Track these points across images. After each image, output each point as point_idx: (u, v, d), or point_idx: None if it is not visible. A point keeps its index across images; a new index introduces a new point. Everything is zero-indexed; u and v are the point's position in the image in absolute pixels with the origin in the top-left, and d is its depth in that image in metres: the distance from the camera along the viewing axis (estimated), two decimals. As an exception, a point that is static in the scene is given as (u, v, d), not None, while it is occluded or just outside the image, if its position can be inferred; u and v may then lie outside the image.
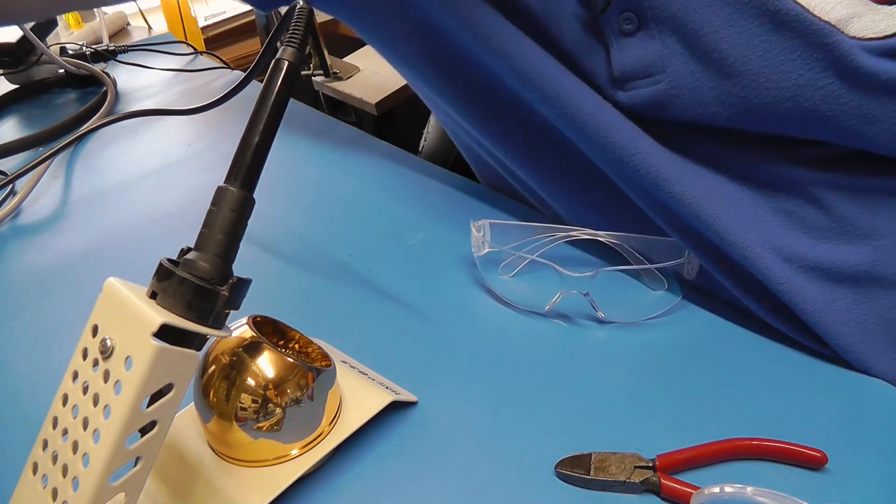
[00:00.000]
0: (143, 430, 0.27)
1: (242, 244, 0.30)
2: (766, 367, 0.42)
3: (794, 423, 0.38)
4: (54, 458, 0.27)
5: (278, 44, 0.33)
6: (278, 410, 0.33)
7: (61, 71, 0.93)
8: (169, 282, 0.27)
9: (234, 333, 0.34)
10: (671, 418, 0.39)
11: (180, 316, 0.27)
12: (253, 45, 1.79)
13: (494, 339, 0.45)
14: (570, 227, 0.53)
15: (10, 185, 0.67)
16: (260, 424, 0.33)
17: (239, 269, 0.30)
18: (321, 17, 1.45)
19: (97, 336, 0.27)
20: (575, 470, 0.35)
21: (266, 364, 0.33)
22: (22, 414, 0.41)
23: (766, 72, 0.38)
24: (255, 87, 0.65)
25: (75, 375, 0.28)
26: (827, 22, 0.36)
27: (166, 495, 0.33)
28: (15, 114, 0.87)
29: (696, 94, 0.41)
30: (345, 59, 1.43)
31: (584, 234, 0.53)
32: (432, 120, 0.84)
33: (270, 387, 0.33)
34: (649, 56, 0.41)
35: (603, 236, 0.52)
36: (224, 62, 1.02)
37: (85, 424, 0.26)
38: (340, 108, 1.41)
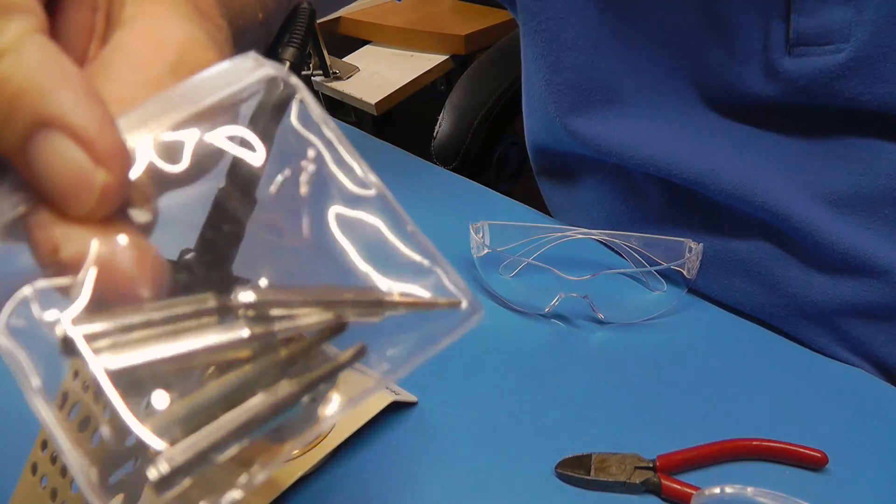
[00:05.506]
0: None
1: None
2: (766, 367, 0.42)
3: (794, 423, 0.38)
4: (54, 459, 0.27)
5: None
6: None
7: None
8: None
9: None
10: (671, 418, 0.39)
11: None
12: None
13: (494, 340, 0.45)
14: (569, 227, 0.53)
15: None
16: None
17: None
18: (321, 17, 1.45)
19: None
20: (575, 470, 0.35)
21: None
22: (22, 414, 0.41)
23: None
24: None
25: (76, 374, 0.27)
26: None
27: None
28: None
29: (877, 70, 0.38)
30: (344, 59, 1.43)
31: (583, 234, 0.53)
32: (447, 106, 0.85)
33: (270, 387, 0.33)
34: (836, 21, 0.38)
35: (602, 235, 0.52)
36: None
37: (85, 424, 0.26)
38: (340, 108, 1.41)
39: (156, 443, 0.15)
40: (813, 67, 0.39)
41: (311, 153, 0.19)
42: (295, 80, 0.19)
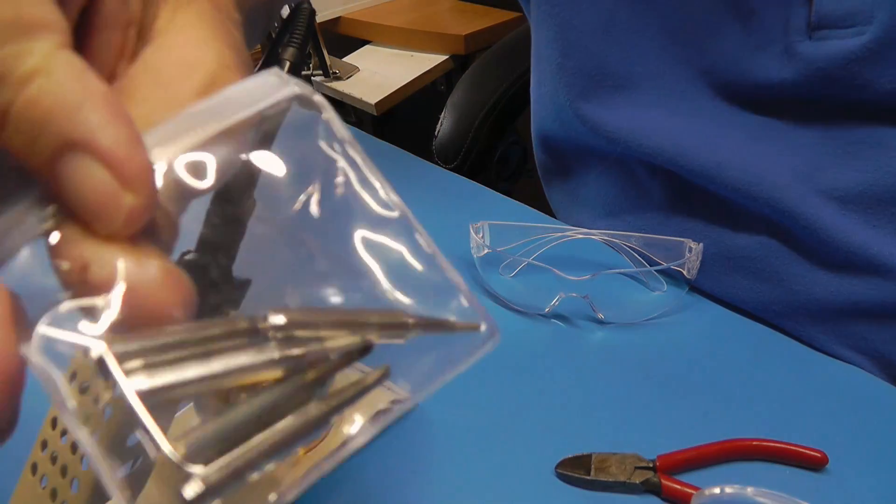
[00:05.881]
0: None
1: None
2: (767, 367, 0.42)
3: (794, 423, 0.38)
4: (54, 459, 0.27)
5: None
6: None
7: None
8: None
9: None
10: (671, 418, 0.39)
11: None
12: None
13: (494, 340, 0.45)
14: (569, 227, 0.53)
15: None
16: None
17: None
18: (321, 17, 1.45)
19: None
20: (575, 470, 0.35)
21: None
22: (21, 414, 0.41)
23: None
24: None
25: (73, 375, 0.28)
26: None
27: (166, 496, 0.33)
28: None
29: None
30: (344, 59, 1.43)
31: (583, 234, 0.53)
32: (448, 106, 0.85)
33: (270, 387, 0.33)
34: (860, 3, 0.38)
35: (602, 235, 0.52)
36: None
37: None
38: (340, 108, 1.41)
39: (189, 465, 0.15)
40: (833, 51, 0.39)
41: (335, 173, 0.20)
42: (319, 98, 0.19)
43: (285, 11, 0.53)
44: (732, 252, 0.47)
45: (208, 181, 0.18)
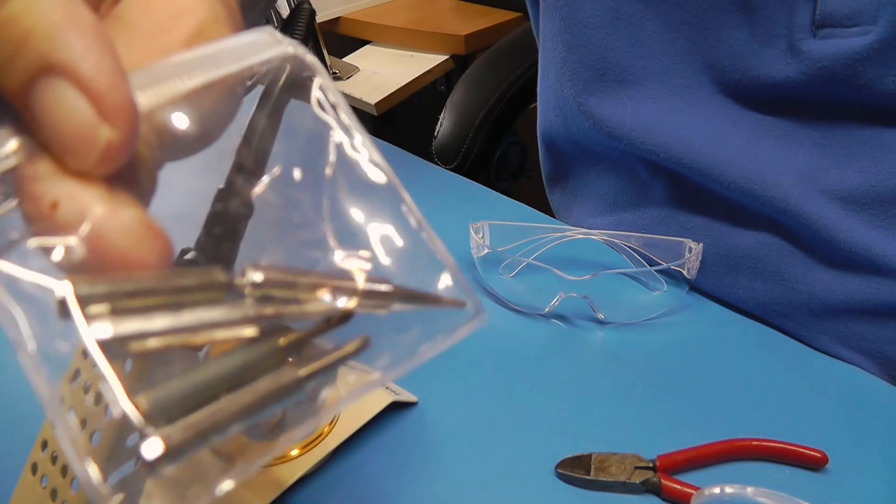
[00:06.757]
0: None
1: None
2: (766, 367, 0.42)
3: (794, 423, 0.38)
4: (54, 459, 0.27)
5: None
6: (278, 411, 0.33)
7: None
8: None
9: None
10: (671, 419, 0.39)
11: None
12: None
13: (494, 340, 0.45)
14: (569, 227, 0.53)
15: None
16: (260, 424, 0.33)
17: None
18: (321, 17, 1.45)
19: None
20: (575, 470, 0.35)
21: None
22: (21, 414, 0.41)
23: None
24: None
25: (76, 374, 0.28)
26: None
27: (165, 496, 0.33)
28: None
29: None
30: (344, 59, 1.43)
31: (583, 234, 0.53)
32: (448, 106, 0.85)
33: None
34: (865, 2, 0.38)
35: (602, 235, 0.52)
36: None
37: (84, 424, 0.26)
38: (340, 108, 1.41)
39: (140, 420, 0.14)
40: (838, 49, 0.39)
41: (329, 137, 0.19)
42: (312, 59, 0.18)
43: (285, 11, 0.53)
44: (733, 251, 0.47)
45: (191, 132, 0.17)
